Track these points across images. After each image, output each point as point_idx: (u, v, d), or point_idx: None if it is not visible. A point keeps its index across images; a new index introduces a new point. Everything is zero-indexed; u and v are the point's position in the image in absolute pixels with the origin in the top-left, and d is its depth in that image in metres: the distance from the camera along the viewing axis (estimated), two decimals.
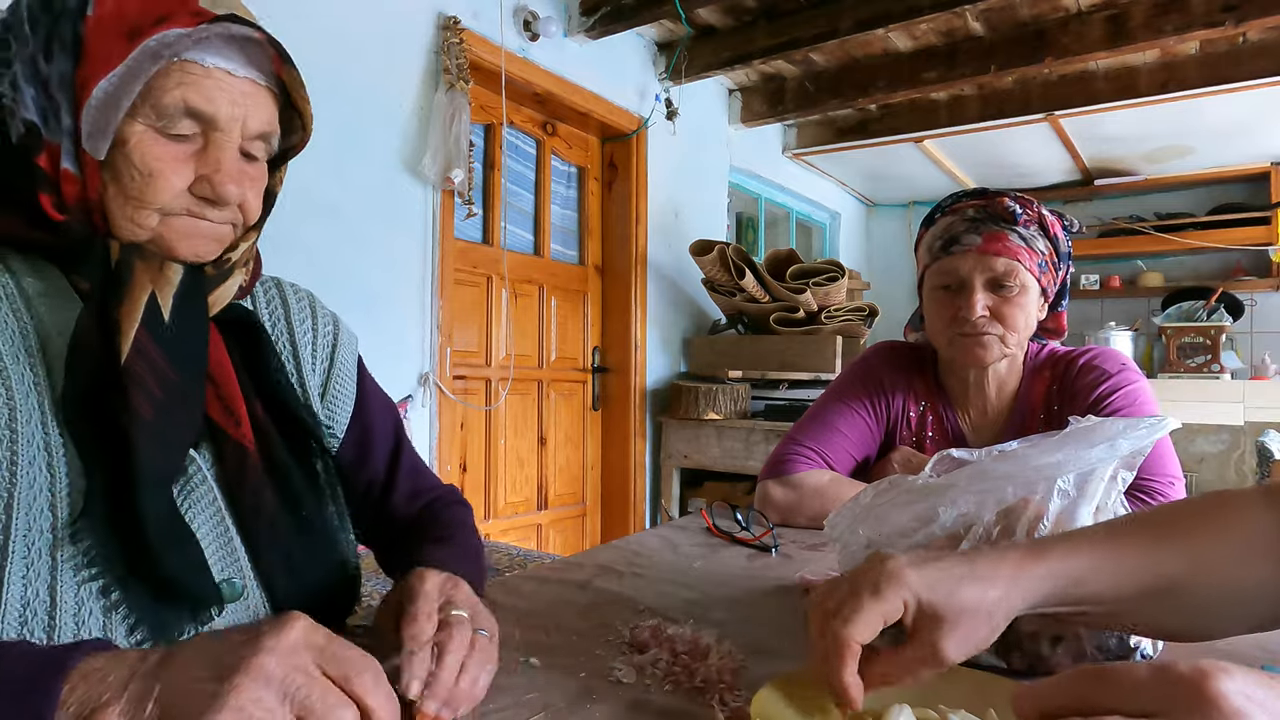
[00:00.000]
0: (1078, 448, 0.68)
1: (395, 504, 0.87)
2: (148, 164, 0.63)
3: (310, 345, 0.83)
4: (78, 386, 0.61)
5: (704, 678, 0.63)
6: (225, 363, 0.72)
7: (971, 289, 1.17)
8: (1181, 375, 4.56)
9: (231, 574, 0.68)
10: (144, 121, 0.63)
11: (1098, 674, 0.41)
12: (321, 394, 0.83)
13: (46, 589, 0.58)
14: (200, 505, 0.67)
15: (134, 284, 0.64)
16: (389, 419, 0.90)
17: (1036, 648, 0.65)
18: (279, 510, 0.71)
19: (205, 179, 0.66)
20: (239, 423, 0.71)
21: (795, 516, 1.25)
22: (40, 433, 0.61)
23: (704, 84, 3.76)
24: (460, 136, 2.51)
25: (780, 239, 4.90)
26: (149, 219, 0.65)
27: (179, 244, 0.67)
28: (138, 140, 0.63)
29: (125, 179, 0.63)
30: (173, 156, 0.65)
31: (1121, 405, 1.17)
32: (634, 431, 3.52)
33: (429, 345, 2.61)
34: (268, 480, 0.71)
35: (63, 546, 0.59)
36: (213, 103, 0.65)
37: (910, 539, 0.72)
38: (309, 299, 0.86)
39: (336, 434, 0.84)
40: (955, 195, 1.25)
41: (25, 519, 0.58)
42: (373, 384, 0.90)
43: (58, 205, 0.63)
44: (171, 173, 0.64)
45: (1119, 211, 5.03)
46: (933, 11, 2.87)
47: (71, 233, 0.64)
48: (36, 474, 0.59)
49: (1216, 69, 3.33)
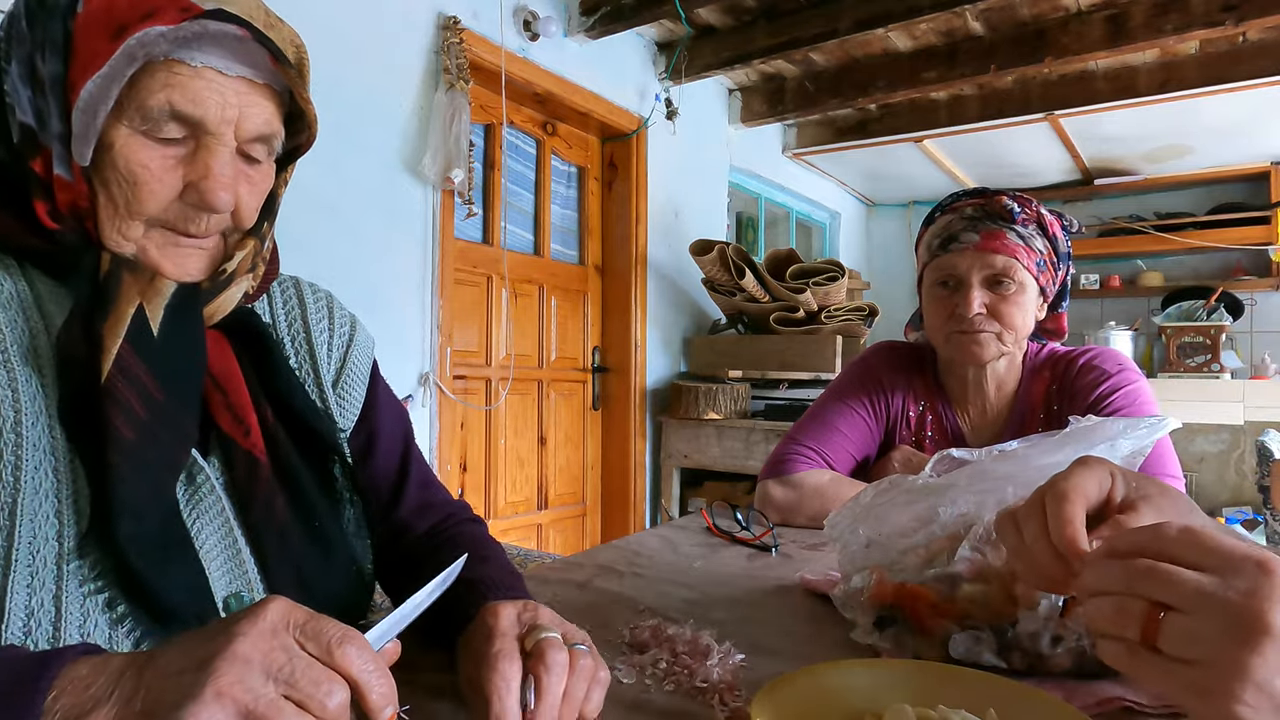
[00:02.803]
0: (1078, 448, 0.68)
1: (403, 517, 0.83)
2: (132, 170, 0.60)
3: (326, 345, 0.81)
4: (70, 399, 0.59)
5: (704, 678, 0.63)
6: (234, 370, 0.70)
7: (968, 286, 1.17)
8: (1181, 375, 4.56)
9: (240, 587, 0.65)
10: (129, 125, 0.60)
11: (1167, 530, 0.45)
12: (333, 387, 0.81)
13: (51, 599, 0.57)
14: (208, 516, 0.65)
15: (120, 297, 0.61)
16: (399, 428, 0.87)
17: (1037, 648, 0.65)
18: (290, 520, 0.69)
19: (194, 186, 0.62)
20: (248, 431, 0.68)
21: (795, 516, 1.25)
22: (47, 438, 0.59)
23: (704, 84, 3.76)
24: (460, 136, 2.51)
25: (780, 239, 4.90)
26: (134, 231, 0.62)
27: (163, 263, 0.64)
28: (123, 145, 0.60)
29: (112, 186, 0.61)
30: (159, 163, 0.61)
31: (1122, 405, 1.17)
32: (634, 431, 3.51)
33: (429, 345, 2.61)
34: (279, 489, 0.69)
35: (69, 558, 0.57)
36: (200, 104, 0.61)
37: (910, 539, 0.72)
38: (327, 299, 0.84)
39: (344, 430, 0.81)
40: (955, 194, 1.25)
41: (31, 526, 0.57)
42: (386, 391, 0.88)
43: (51, 213, 0.61)
44: (157, 180, 0.61)
45: (1119, 211, 5.03)
46: (933, 11, 2.87)
47: (65, 241, 0.62)
48: (43, 479, 0.58)
49: (1216, 69, 3.33)
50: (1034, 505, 0.57)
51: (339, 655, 0.44)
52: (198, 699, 0.40)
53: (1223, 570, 0.42)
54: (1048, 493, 0.56)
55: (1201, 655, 0.41)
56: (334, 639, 0.44)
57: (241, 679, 0.41)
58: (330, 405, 0.79)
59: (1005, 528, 0.59)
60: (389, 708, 0.45)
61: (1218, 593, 0.41)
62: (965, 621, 0.67)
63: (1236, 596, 0.40)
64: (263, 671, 0.41)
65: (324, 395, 0.79)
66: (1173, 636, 0.42)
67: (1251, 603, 0.40)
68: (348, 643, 0.44)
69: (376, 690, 0.45)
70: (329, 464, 0.74)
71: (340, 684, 0.43)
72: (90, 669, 0.44)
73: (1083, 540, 0.53)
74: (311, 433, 0.73)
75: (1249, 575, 0.41)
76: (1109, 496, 0.58)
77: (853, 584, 0.75)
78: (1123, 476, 0.59)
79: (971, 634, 0.67)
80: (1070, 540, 0.53)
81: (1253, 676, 0.39)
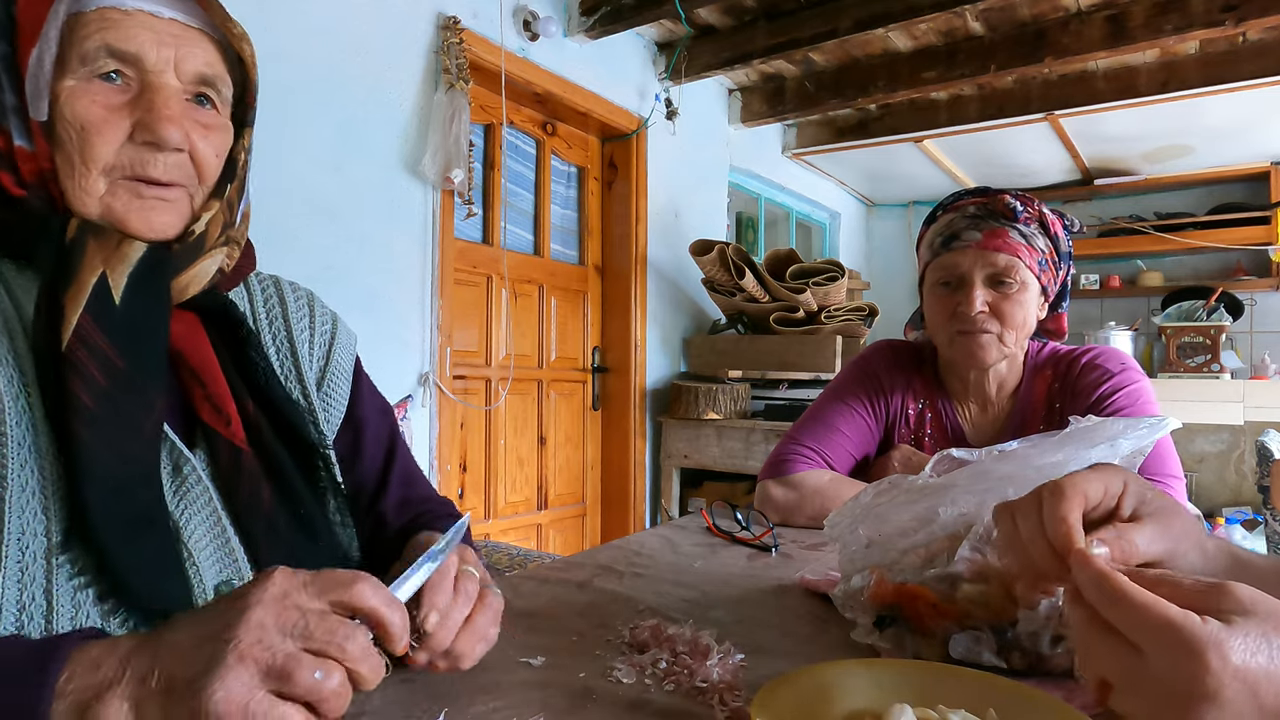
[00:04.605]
0: (1078, 447, 0.68)
1: (385, 510, 0.84)
2: (78, 115, 0.62)
3: (308, 343, 0.81)
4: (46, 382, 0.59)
5: (704, 678, 0.63)
6: (210, 359, 0.70)
7: (971, 284, 1.17)
8: (1181, 375, 4.56)
9: (230, 575, 0.66)
10: (74, 77, 0.62)
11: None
12: (317, 387, 0.81)
13: (43, 592, 0.57)
14: (196, 506, 0.66)
15: (84, 265, 0.61)
16: (384, 423, 0.88)
17: (1037, 648, 0.65)
18: (277, 509, 0.69)
19: (141, 123, 0.63)
20: (229, 421, 0.68)
21: (795, 516, 1.25)
22: (30, 435, 0.59)
23: (704, 84, 3.76)
24: (460, 136, 2.51)
25: (780, 239, 4.90)
26: (95, 185, 0.63)
27: (129, 217, 0.64)
28: (69, 93, 0.62)
29: (66, 143, 0.62)
30: (104, 104, 0.63)
31: (1123, 405, 1.17)
32: (634, 431, 3.51)
33: (429, 345, 2.61)
34: (263, 478, 0.69)
35: (57, 552, 0.58)
36: (135, 40, 0.63)
37: (910, 539, 0.72)
38: (308, 298, 0.85)
39: (329, 432, 0.82)
40: (957, 194, 1.25)
41: (19, 522, 0.57)
42: (369, 386, 0.88)
43: (18, 183, 0.62)
44: (104, 122, 0.62)
45: (1119, 211, 5.02)
46: (933, 11, 2.87)
47: (32, 208, 0.63)
48: (29, 477, 0.58)
49: (1216, 69, 3.33)
50: (1032, 499, 0.57)
51: (354, 594, 0.46)
52: (222, 664, 0.42)
53: (1152, 647, 0.42)
54: (1046, 488, 0.57)
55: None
56: (344, 581, 0.47)
57: (259, 640, 0.43)
58: (314, 404, 0.80)
59: (1002, 518, 0.60)
60: (405, 638, 0.49)
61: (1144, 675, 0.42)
62: (965, 621, 0.67)
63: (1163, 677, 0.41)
64: (279, 631, 0.43)
65: (307, 393, 0.79)
66: (1117, 705, 0.44)
67: (1175, 683, 0.41)
68: (359, 581, 0.47)
69: (395, 622, 0.48)
70: (312, 455, 0.74)
71: (355, 627, 0.46)
72: (100, 650, 0.45)
73: (1076, 536, 0.53)
74: (291, 425, 0.73)
75: (1173, 655, 0.41)
76: (1118, 505, 0.57)
77: (853, 584, 0.75)
78: (1137, 488, 0.58)
79: (971, 634, 0.67)
80: (1062, 535, 0.53)
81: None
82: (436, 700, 0.59)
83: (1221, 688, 0.39)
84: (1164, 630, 0.41)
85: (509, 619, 0.68)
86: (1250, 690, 0.39)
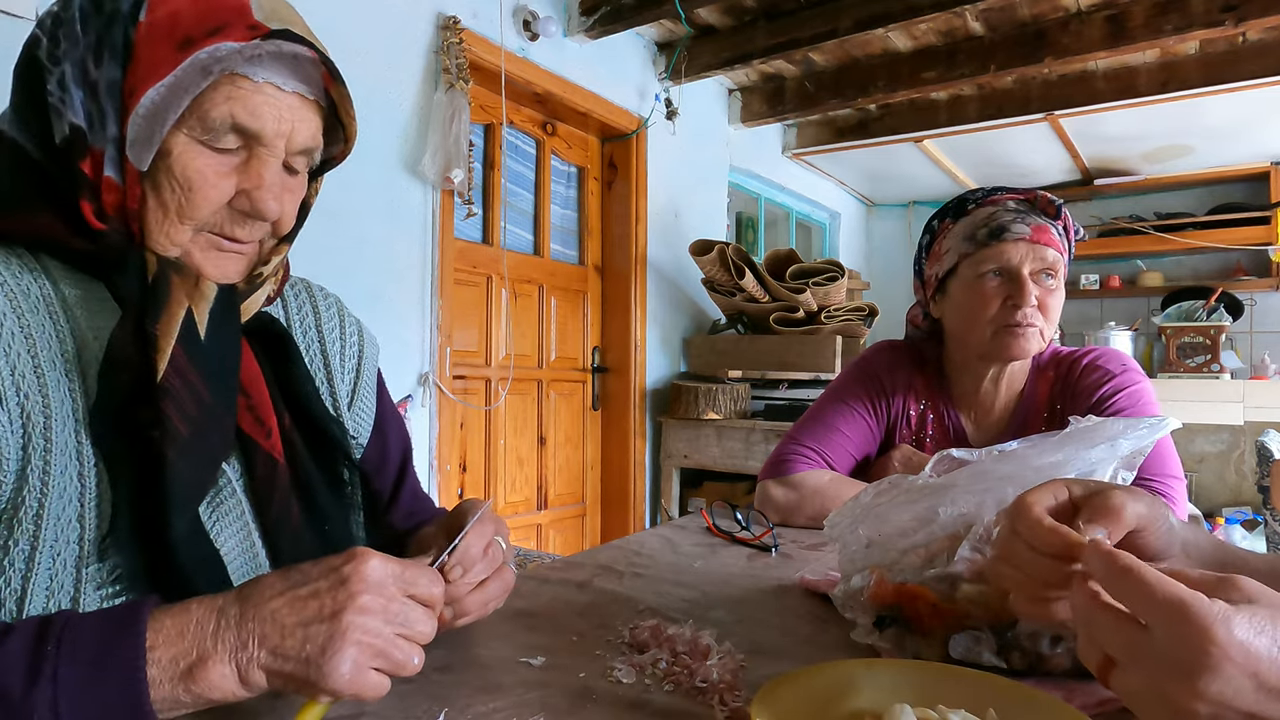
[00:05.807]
0: (1078, 448, 0.68)
1: (393, 520, 0.86)
2: (189, 176, 0.62)
3: (339, 354, 0.82)
4: (111, 400, 0.60)
5: (704, 678, 0.63)
6: (256, 373, 0.71)
7: (1023, 278, 1.16)
8: (1181, 375, 4.56)
9: None
10: (189, 134, 0.62)
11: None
12: (349, 404, 0.83)
13: (69, 601, 0.58)
14: (229, 518, 0.67)
15: (171, 299, 0.63)
16: (401, 436, 0.90)
17: (1037, 648, 0.65)
18: (304, 524, 0.70)
19: (245, 194, 0.65)
20: (269, 434, 0.70)
21: (795, 516, 1.25)
22: (74, 442, 0.60)
23: (704, 84, 3.76)
24: (460, 136, 2.51)
25: (780, 239, 4.90)
26: (181, 235, 0.64)
27: (205, 266, 0.66)
28: (181, 151, 0.62)
29: (165, 191, 0.62)
30: (215, 170, 0.63)
31: (1124, 405, 1.17)
32: (634, 431, 3.51)
33: (429, 345, 2.61)
34: (294, 493, 0.70)
35: (89, 561, 0.58)
36: (259, 118, 0.63)
37: (910, 539, 0.72)
38: (337, 305, 0.86)
39: (360, 444, 0.83)
40: (987, 189, 1.24)
41: (54, 530, 0.57)
42: (389, 397, 0.90)
43: (98, 213, 0.62)
44: (211, 187, 0.63)
45: (1119, 211, 5.02)
46: (932, 11, 2.86)
47: (110, 241, 0.63)
48: (68, 484, 0.58)
49: (1216, 69, 3.33)
50: (1006, 533, 0.59)
51: (426, 592, 0.55)
52: (344, 641, 0.50)
53: (1158, 621, 0.43)
54: (1010, 514, 0.58)
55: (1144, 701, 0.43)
56: (423, 580, 0.55)
57: (369, 627, 0.51)
58: (344, 418, 0.81)
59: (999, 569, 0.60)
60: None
61: (1148, 649, 0.43)
62: (965, 621, 0.67)
63: (1168, 650, 0.42)
64: (383, 619, 0.52)
65: (337, 404, 0.80)
66: (1118, 682, 0.45)
67: (1179, 655, 0.41)
68: (433, 583, 0.56)
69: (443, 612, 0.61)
70: (340, 470, 0.75)
71: (429, 615, 0.55)
72: (172, 619, 0.49)
73: (1074, 535, 0.53)
74: (326, 437, 0.74)
75: (1179, 628, 0.41)
76: (1073, 502, 0.58)
77: (853, 584, 0.75)
78: (1083, 481, 0.59)
79: (971, 634, 0.67)
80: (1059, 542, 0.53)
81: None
82: (436, 700, 0.59)
83: (1225, 660, 0.40)
84: (1171, 605, 0.42)
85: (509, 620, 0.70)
86: (1251, 667, 0.40)
